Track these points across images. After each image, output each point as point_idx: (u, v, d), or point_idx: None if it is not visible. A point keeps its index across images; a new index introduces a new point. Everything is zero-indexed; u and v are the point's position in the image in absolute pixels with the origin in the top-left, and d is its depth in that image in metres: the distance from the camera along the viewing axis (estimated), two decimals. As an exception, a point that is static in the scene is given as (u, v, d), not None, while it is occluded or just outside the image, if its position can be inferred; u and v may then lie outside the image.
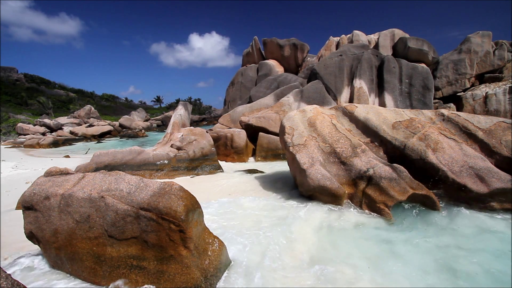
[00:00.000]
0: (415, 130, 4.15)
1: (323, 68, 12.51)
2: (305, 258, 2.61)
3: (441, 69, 13.53)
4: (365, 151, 4.11)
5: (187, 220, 2.01)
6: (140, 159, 6.41)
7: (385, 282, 2.23)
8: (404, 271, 2.37)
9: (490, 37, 13.45)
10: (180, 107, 8.90)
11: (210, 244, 2.28)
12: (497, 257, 2.52)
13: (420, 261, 2.50)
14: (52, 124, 24.70)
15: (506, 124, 3.83)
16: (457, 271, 2.34)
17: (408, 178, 3.57)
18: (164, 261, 2.05)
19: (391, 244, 2.80)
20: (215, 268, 2.20)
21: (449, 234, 3.00)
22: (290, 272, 2.38)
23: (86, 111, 35.09)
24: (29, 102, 42.07)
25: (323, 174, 3.84)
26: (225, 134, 8.61)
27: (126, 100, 73.61)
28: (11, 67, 53.04)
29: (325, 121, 4.76)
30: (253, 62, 21.43)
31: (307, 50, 19.95)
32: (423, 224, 3.23)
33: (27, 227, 2.54)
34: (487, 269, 2.34)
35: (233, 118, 11.20)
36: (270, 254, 2.63)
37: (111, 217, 2.16)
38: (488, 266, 2.37)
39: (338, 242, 2.92)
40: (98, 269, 2.21)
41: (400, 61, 12.24)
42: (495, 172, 3.37)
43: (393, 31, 16.55)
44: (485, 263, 2.41)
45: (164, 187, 2.19)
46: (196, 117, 41.05)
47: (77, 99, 52.17)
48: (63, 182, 2.53)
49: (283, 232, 3.08)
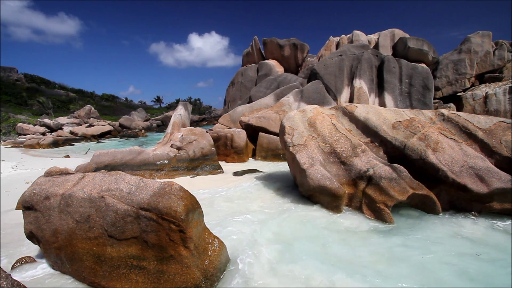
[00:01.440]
0: (415, 130, 4.15)
1: (323, 68, 12.51)
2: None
3: (441, 69, 13.53)
4: (365, 151, 4.11)
5: (187, 220, 2.01)
6: (140, 159, 6.41)
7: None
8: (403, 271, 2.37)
9: (490, 37, 13.44)
10: (180, 107, 8.91)
11: (210, 244, 2.28)
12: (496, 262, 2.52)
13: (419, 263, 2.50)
14: (52, 124, 24.70)
15: (506, 124, 3.83)
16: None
17: (408, 178, 3.57)
18: (164, 261, 2.05)
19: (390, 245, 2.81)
20: (215, 268, 2.20)
21: (448, 236, 3.00)
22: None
23: (86, 111, 35.10)
24: (29, 102, 42.07)
25: (323, 174, 3.84)
26: (225, 134, 8.61)
27: (126, 100, 73.60)
28: (11, 67, 53.02)
29: (325, 121, 4.76)
30: (253, 62, 21.43)
31: (307, 50, 19.95)
32: (422, 224, 3.23)
33: (27, 227, 2.54)
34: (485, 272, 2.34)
35: (233, 118, 11.19)
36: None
37: (111, 217, 2.16)
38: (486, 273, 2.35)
39: (333, 245, 2.92)
40: (98, 269, 2.21)
41: (400, 61, 12.24)
42: (495, 172, 3.37)
43: (393, 31, 16.55)
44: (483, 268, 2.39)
45: (164, 187, 2.19)
46: (196, 117, 41.05)
47: (77, 99, 52.16)
48: (63, 182, 2.53)
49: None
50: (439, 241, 2.86)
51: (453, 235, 3.00)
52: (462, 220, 3.32)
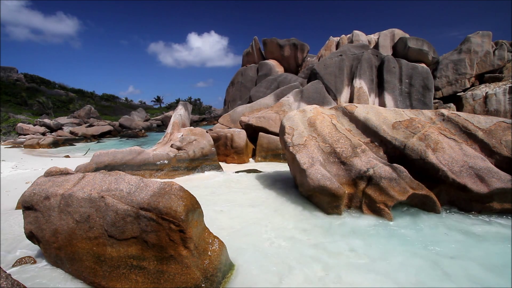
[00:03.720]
0: (415, 130, 4.15)
1: (323, 68, 12.50)
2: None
3: (441, 69, 13.53)
4: (365, 151, 4.11)
5: (187, 220, 2.01)
6: (140, 159, 6.41)
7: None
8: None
9: (490, 37, 13.44)
10: (180, 107, 8.91)
11: (210, 244, 2.28)
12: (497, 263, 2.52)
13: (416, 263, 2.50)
14: (52, 124, 24.70)
15: (506, 124, 3.83)
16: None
17: (408, 178, 3.57)
18: (164, 261, 2.05)
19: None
20: (215, 268, 2.20)
21: (447, 237, 3.00)
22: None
23: (86, 111, 35.10)
24: (29, 102, 42.06)
25: (323, 174, 3.84)
26: (225, 134, 8.61)
27: (126, 100, 73.59)
28: (11, 67, 53.04)
29: (325, 121, 4.76)
30: (253, 62, 21.42)
31: (307, 50, 19.95)
32: (423, 223, 3.23)
33: (27, 227, 2.54)
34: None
35: (233, 118, 11.20)
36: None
37: (111, 217, 2.16)
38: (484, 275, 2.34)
39: (334, 245, 2.92)
40: (98, 269, 2.21)
41: (400, 61, 12.24)
42: (495, 172, 3.37)
43: (393, 31, 16.55)
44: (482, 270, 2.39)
45: (164, 187, 2.19)
46: (196, 117, 41.04)
47: (77, 99, 52.16)
48: (63, 182, 2.53)
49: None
50: (439, 241, 2.86)
51: (453, 234, 3.00)
52: (463, 219, 3.32)
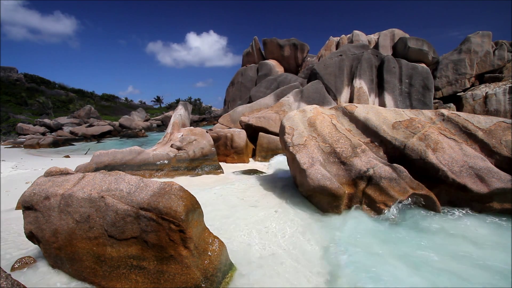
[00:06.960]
0: (415, 130, 4.15)
1: (323, 68, 12.51)
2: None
3: (441, 69, 13.54)
4: (365, 151, 4.11)
5: (187, 220, 2.01)
6: (140, 159, 6.41)
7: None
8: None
9: (490, 37, 13.45)
10: (180, 107, 8.91)
11: (210, 244, 2.28)
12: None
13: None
14: (52, 124, 24.71)
15: (506, 124, 3.83)
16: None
17: (408, 178, 3.57)
18: (164, 261, 2.05)
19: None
20: (215, 268, 2.20)
21: (447, 236, 3.00)
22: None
23: (86, 111, 35.10)
24: (29, 102, 42.06)
25: (323, 174, 3.84)
26: (225, 134, 8.61)
27: (126, 100, 73.58)
28: (11, 67, 53.01)
29: (325, 121, 4.76)
30: (253, 62, 21.44)
31: (307, 50, 19.97)
32: (423, 222, 3.23)
33: (27, 227, 2.54)
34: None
35: (233, 118, 11.20)
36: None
37: (111, 217, 2.15)
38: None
39: (333, 245, 2.92)
40: (98, 269, 2.21)
41: (400, 61, 12.24)
42: (495, 172, 3.37)
43: (393, 31, 16.56)
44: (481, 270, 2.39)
45: (164, 187, 2.19)
46: (196, 117, 41.02)
47: (77, 99, 52.13)
48: (63, 182, 2.53)
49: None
50: (440, 240, 2.86)
51: (454, 233, 3.00)
52: (463, 218, 3.32)
